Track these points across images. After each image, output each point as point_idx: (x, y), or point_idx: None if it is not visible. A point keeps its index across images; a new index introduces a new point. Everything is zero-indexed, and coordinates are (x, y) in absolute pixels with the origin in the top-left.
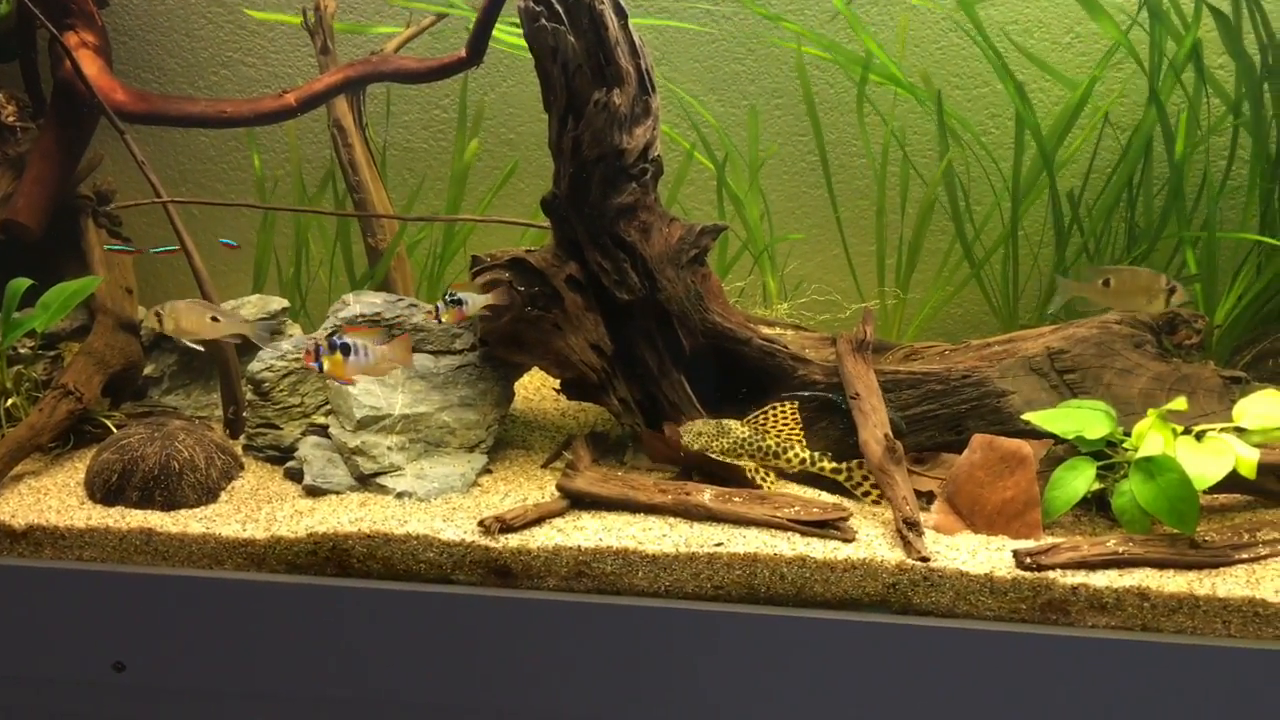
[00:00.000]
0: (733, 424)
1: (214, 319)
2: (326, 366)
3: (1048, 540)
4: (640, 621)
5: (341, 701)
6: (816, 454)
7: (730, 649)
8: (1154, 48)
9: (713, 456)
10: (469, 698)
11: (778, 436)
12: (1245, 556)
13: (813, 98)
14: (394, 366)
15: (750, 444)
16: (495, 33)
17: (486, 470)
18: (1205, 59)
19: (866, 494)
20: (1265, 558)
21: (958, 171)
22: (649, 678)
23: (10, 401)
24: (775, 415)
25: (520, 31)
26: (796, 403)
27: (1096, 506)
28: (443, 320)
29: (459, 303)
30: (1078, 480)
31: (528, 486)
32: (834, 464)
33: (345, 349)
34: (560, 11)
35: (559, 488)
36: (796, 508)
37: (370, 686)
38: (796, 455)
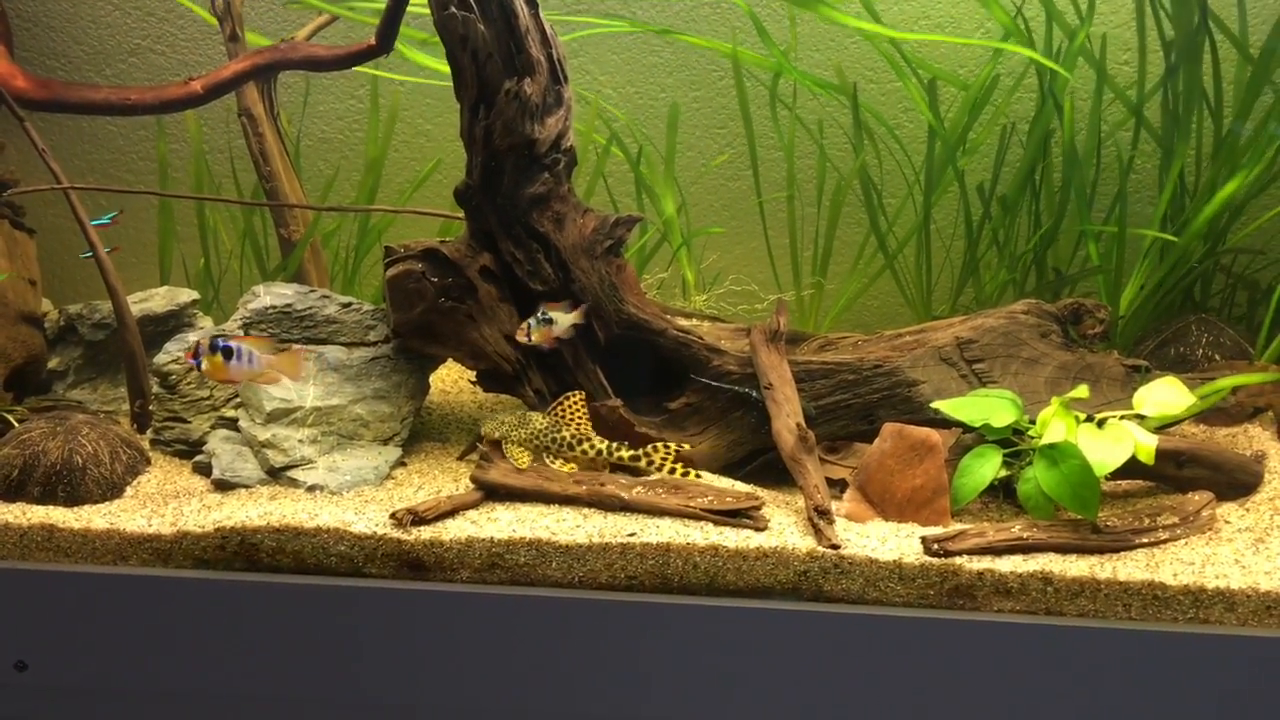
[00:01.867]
0: (534, 416)
1: None
2: (205, 366)
3: (955, 527)
4: (554, 613)
5: (250, 698)
6: (613, 444)
7: (644, 639)
8: (1048, 40)
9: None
10: (380, 693)
11: (576, 428)
12: (1145, 541)
13: (746, 94)
14: (278, 379)
15: (546, 435)
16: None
17: (401, 463)
18: (1110, 53)
19: (672, 472)
20: (1164, 542)
21: (871, 165)
22: (563, 669)
23: None
24: (570, 406)
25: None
26: (583, 393)
27: (1004, 493)
28: (532, 339)
29: (549, 321)
30: (985, 468)
31: (442, 479)
32: (631, 451)
33: (227, 352)
34: None
35: (473, 479)
36: (710, 497)
37: (279, 683)
38: (593, 446)
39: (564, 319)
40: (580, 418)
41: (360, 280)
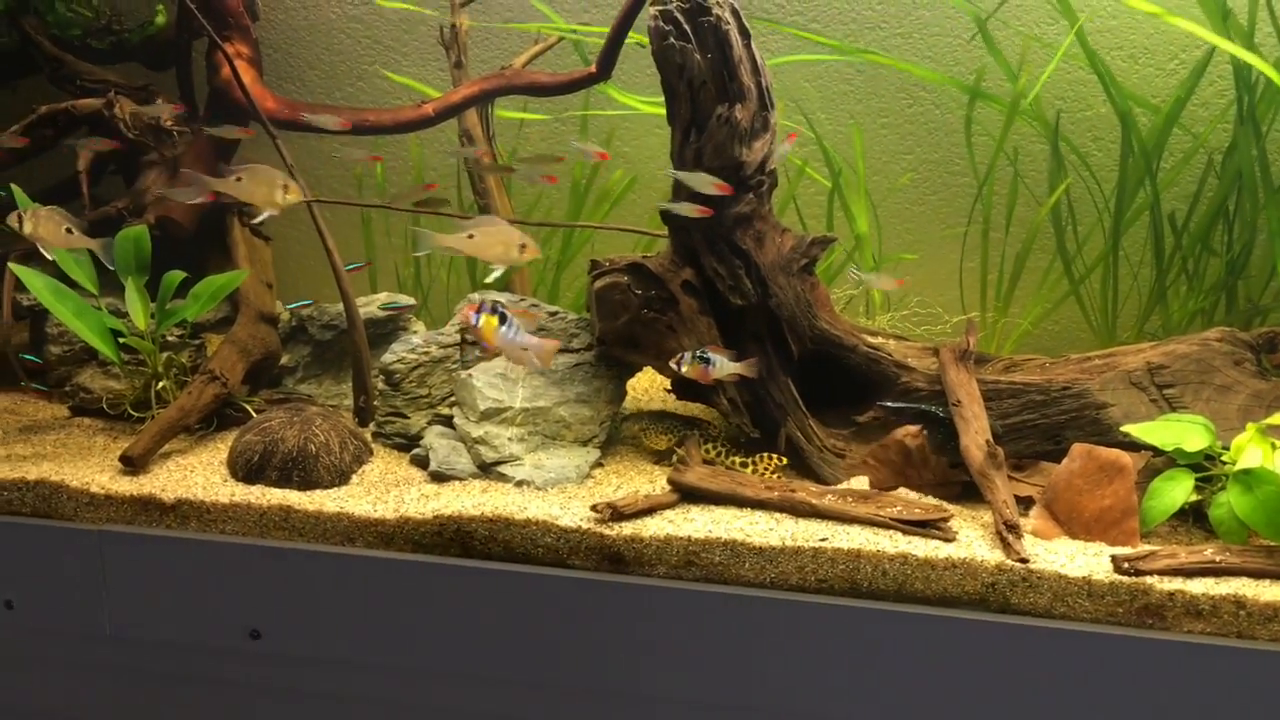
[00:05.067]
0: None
1: (68, 230)
2: (480, 323)
3: (1145, 547)
4: (746, 611)
5: (461, 675)
6: (728, 449)
7: (832, 641)
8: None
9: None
10: (581, 677)
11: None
12: None
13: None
14: (528, 359)
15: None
16: None
17: (599, 464)
18: None
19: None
20: None
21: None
22: (756, 665)
23: (160, 385)
24: (765, 464)
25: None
26: (782, 459)
27: (1194, 518)
28: (683, 370)
29: (706, 360)
30: (1176, 491)
31: (638, 480)
32: (741, 457)
33: (503, 318)
34: (688, 30)
35: (670, 481)
36: (899, 507)
37: (488, 663)
38: (714, 447)
39: (725, 366)
40: (767, 468)
41: (560, 291)
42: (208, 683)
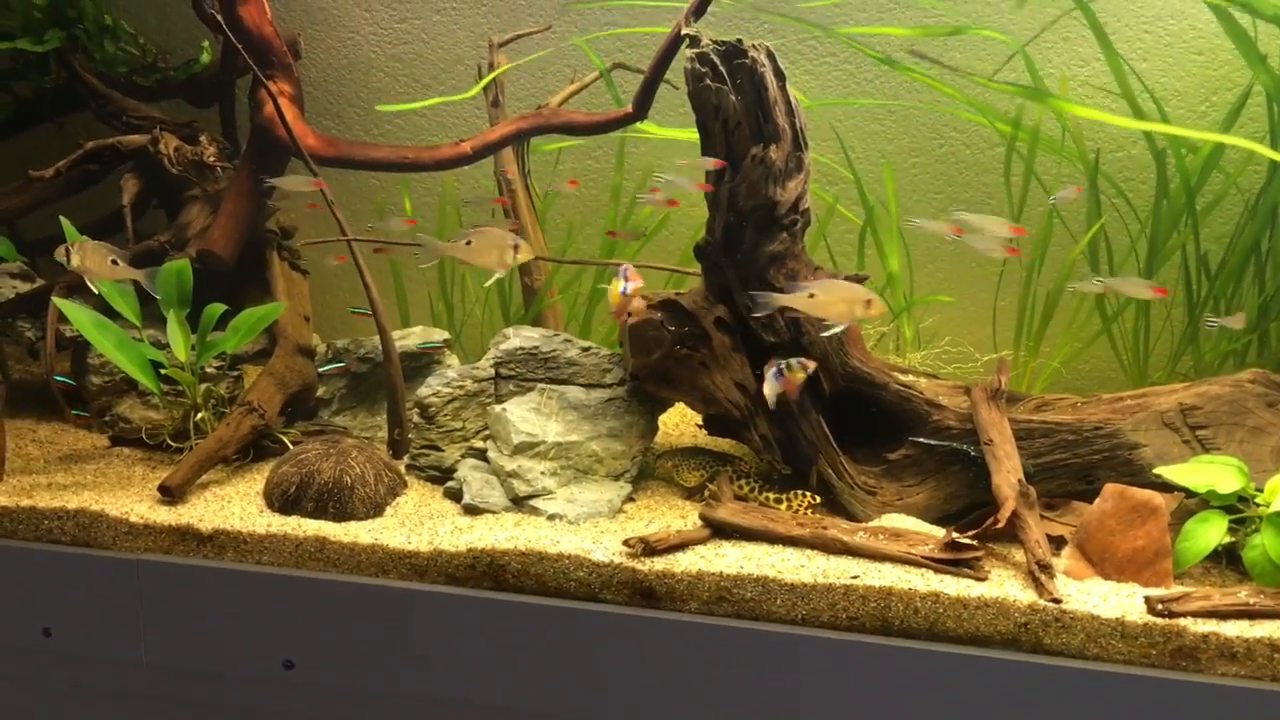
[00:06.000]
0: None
1: (114, 262)
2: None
3: (1178, 589)
4: (779, 648)
5: (494, 709)
6: (762, 485)
7: (864, 679)
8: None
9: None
10: (612, 712)
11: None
12: None
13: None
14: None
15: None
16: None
17: (630, 499)
18: None
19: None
20: None
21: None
22: (786, 702)
23: (199, 416)
24: (798, 502)
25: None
26: (816, 497)
27: (1227, 560)
28: (783, 377)
29: (797, 368)
30: (1209, 532)
31: (670, 515)
32: (776, 494)
33: None
34: (724, 72)
35: (702, 517)
36: (931, 545)
37: (520, 696)
38: (747, 483)
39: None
40: (800, 505)
41: (593, 326)
42: (240, 712)
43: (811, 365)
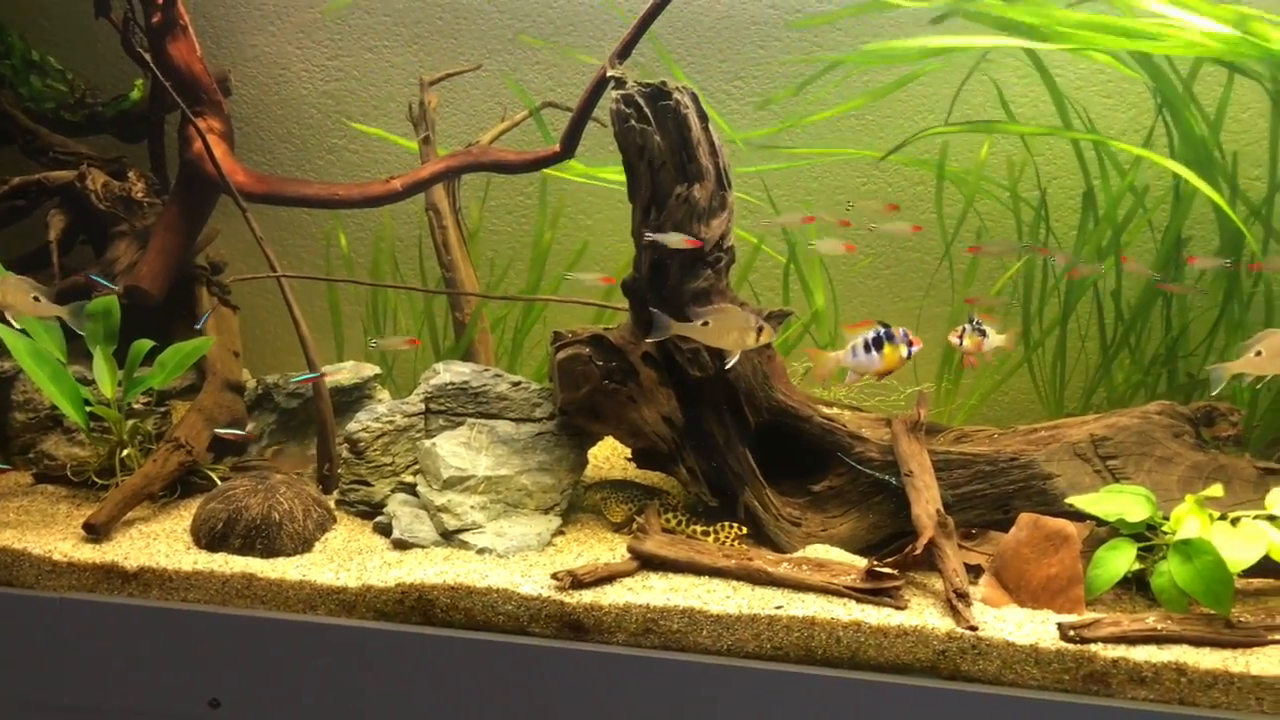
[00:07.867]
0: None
1: (35, 299)
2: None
3: (1090, 615)
4: (704, 678)
5: None
6: (689, 518)
7: (789, 708)
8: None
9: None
10: None
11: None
12: (1278, 637)
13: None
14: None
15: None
16: None
17: (560, 532)
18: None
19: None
20: None
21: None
22: None
23: (125, 452)
24: (726, 534)
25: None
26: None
27: (1136, 586)
28: (964, 344)
29: (982, 332)
30: (1119, 560)
31: (599, 548)
32: (704, 526)
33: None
34: (649, 114)
35: (630, 549)
36: (853, 575)
37: None
38: (675, 516)
39: (995, 337)
40: (728, 537)
41: (521, 359)
42: None
43: (918, 341)
